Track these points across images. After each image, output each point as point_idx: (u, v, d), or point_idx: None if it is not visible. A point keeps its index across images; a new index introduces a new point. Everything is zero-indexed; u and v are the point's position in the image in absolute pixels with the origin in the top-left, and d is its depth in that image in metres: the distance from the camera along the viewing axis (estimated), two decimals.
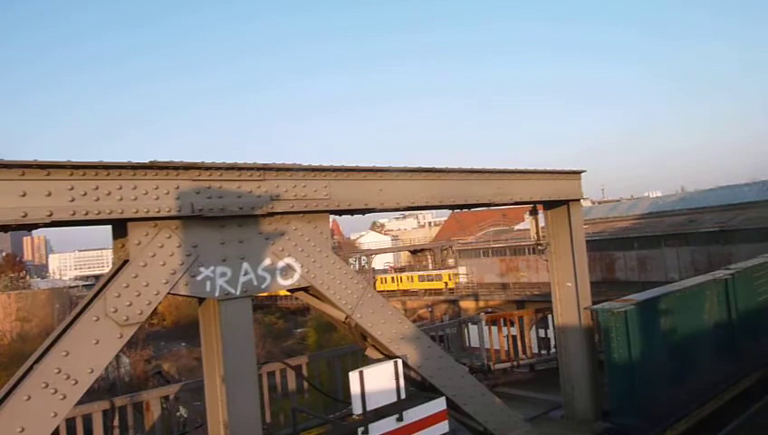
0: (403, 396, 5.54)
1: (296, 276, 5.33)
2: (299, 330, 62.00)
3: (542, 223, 8.81)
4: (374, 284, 69.29)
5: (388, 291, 68.54)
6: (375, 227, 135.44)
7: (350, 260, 79.59)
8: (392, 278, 67.60)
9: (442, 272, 64.56)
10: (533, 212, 8.66)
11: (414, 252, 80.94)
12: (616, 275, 47.72)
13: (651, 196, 70.02)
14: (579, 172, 8.25)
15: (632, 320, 7.92)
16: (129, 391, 20.09)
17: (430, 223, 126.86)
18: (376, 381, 5.38)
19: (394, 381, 5.49)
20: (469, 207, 7.19)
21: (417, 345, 6.10)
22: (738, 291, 10.38)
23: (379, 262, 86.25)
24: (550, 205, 8.35)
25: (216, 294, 4.86)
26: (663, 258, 44.53)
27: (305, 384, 8.65)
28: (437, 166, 6.44)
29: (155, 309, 4.83)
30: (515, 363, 10.92)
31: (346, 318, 5.72)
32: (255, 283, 5.09)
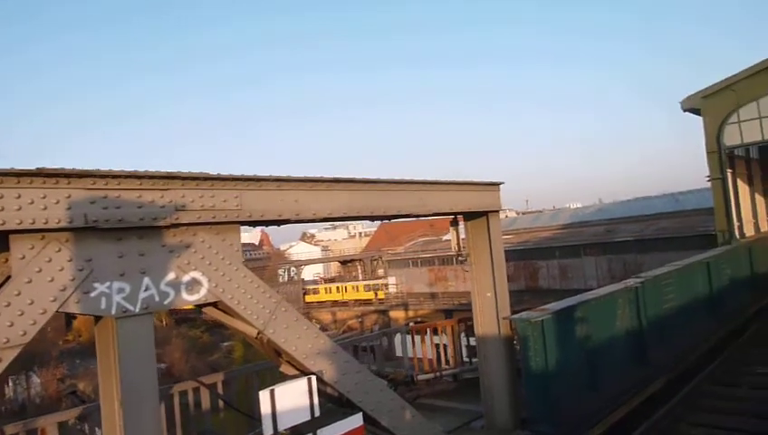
0: (317, 414, 5.35)
1: (203, 291, 5.04)
2: (225, 344, 60.15)
3: (463, 234, 8.88)
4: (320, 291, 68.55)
5: (317, 302, 67.95)
6: (305, 237, 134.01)
7: (280, 271, 78.40)
8: (337, 288, 66.82)
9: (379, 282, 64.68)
10: (454, 223, 8.72)
11: (344, 262, 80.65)
12: (539, 283, 49.43)
13: (572, 207, 73.30)
14: (497, 184, 8.39)
15: (549, 329, 8.07)
16: (40, 413, 18.70)
17: (360, 233, 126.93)
18: (289, 399, 5.16)
19: (308, 399, 5.28)
20: (390, 218, 7.13)
21: (333, 360, 5.93)
22: (647, 298, 10.84)
23: (308, 273, 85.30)
24: (470, 216, 8.43)
25: (113, 312, 4.51)
26: (583, 267, 46.53)
27: (221, 403, 8.28)
28: (358, 177, 6.33)
29: (71, 326, 4.43)
30: (439, 374, 10.93)
31: (258, 334, 5.48)
32: (158, 298, 4.76)
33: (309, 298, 69.64)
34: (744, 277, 16.31)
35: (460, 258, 8.92)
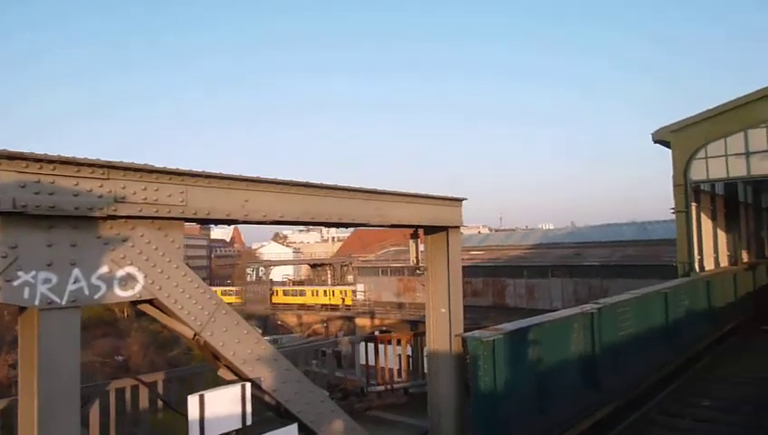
0: (249, 422, 5.18)
1: (138, 287, 4.84)
2: None
3: (422, 247, 8.80)
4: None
5: (284, 303, 67.35)
6: (277, 238, 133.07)
7: (248, 270, 77.61)
8: (324, 292, 66.03)
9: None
10: (414, 236, 8.64)
11: (314, 266, 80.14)
12: (506, 300, 49.77)
13: (544, 227, 74.22)
14: (460, 200, 8.33)
15: (500, 349, 8.01)
16: None
17: (334, 238, 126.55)
18: (219, 405, 4.99)
19: (240, 406, 5.11)
20: (345, 225, 7.00)
21: (273, 368, 5.76)
22: (603, 325, 10.89)
23: (278, 274, 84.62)
24: (430, 230, 8.35)
25: (36, 303, 4.28)
26: (549, 288, 47.00)
27: (160, 403, 8.02)
28: (314, 181, 6.20)
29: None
30: (391, 387, 10.80)
31: (195, 336, 5.28)
32: (87, 292, 4.54)
33: (276, 299, 68.99)
34: (701, 310, 16.57)
35: (417, 272, 8.83)
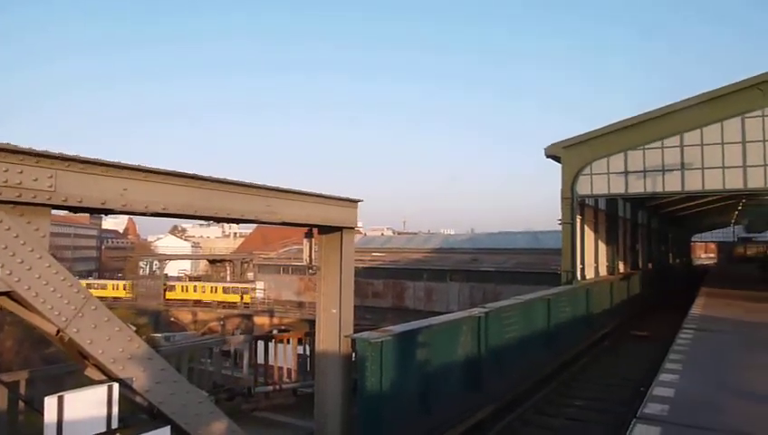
0: (115, 425, 4.87)
1: None
2: None
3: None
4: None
5: (178, 300, 64.60)
6: (176, 231, 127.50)
7: (141, 263, 73.67)
8: (224, 289, 63.17)
9: (241, 287, 62.57)
10: (308, 235, 8.56)
11: (213, 262, 77.51)
12: (405, 302, 50.75)
13: (445, 232, 76.46)
14: (356, 201, 8.35)
15: (388, 351, 8.11)
16: None
17: (236, 233, 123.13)
18: (82, 407, 4.65)
19: (106, 409, 4.79)
20: (233, 221, 6.78)
21: (146, 367, 5.46)
22: (490, 328, 11.33)
23: (174, 268, 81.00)
24: (324, 230, 8.31)
25: None
26: (448, 291, 48.48)
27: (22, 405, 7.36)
28: (201, 174, 5.95)
29: None
30: (279, 387, 10.62)
31: (58, 332, 4.89)
32: None
33: (170, 295, 65.99)
34: (580, 315, 17.75)
35: (310, 271, 8.76)
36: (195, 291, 64.69)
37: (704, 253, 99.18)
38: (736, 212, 36.13)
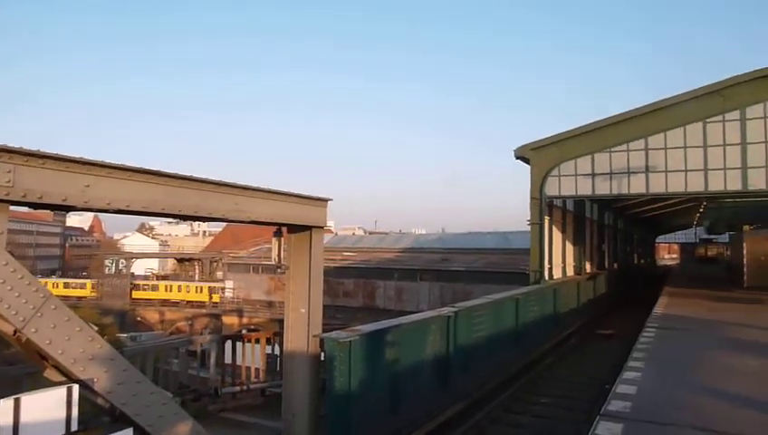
0: (75, 428, 4.75)
1: None
2: None
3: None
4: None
5: (145, 299, 63.43)
6: (143, 229, 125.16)
7: (107, 262, 72.07)
8: (197, 288, 61.87)
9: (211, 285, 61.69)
10: (277, 234, 8.49)
11: (181, 260, 76.30)
12: (376, 302, 50.76)
13: (416, 232, 76.82)
14: (325, 200, 8.32)
15: (356, 350, 8.08)
16: None
17: (205, 232, 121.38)
18: (39, 410, 4.52)
19: (65, 411, 4.67)
20: (200, 219, 6.69)
21: (109, 368, 5.33)
22: (459, 327, 11.40)
23: (141, 267, 79.49)
24: (293, 229, 8.25)
25: None
26: (418, 291, 48.66)
27: None
28: (167, 170, 5.85)
29: None
30: (246, 387, 10.52)
31: (15, 332, 4.75)
32: None
33: (137, 294, 64.72)
34: (548, 315, 18.01)
35: (278, 271, 8.69)
36: (162, 290, 63.60)
37: (667, 253, 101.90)
38: (698, 214, 37.10)
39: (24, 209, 5.47)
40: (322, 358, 8.50)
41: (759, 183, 17.62)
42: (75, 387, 4.78)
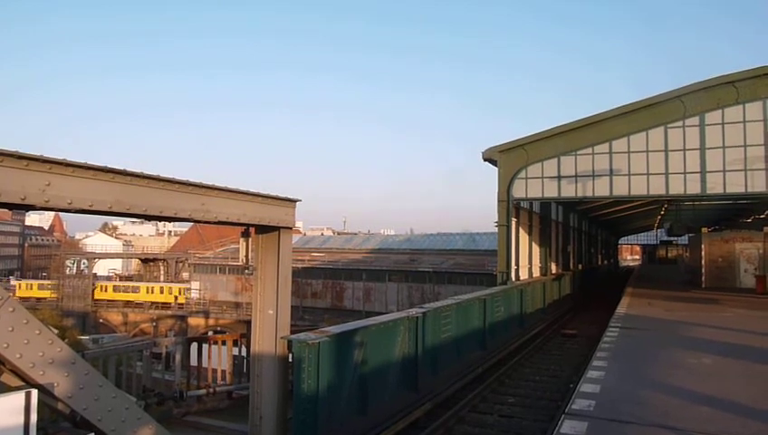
0: None
1: None
2: None
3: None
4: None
5: (107, 300, 61.90)
6: (106, 228, 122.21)
7: (68, 262, 70.08)
8: (161, 289, 60.40)
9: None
10: (245, 234, 8.39)
11: (145, 261, 74.72)
12: (344, 303, 50.66)
13: (385, 233, 76.91)
14: (294, 200, 8.26)
15: (325, 352, 8.05)
16: None
17: (170, 232, 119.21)
18: None
19: (22, 417, 4.52)
20: (166, 219, 6.57)
21: (69, 372, 5.20)
22: (427, 328, 11.46)
23: (103, 268, 77.58)
24: (261, 229, 8.17)
25: None
26: (386, 291, 48.75)
27: None
28: (131, 169, 5.72)
29: None
30: (212, 390, 10.37)
31: None
32: None
33: (99, 295, 63.09)
34: (514, 315, 18.26)
35: (246, 272, 8.59)
36: (125, 291, 62.18)
37: (629, 254, 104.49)
38: (659, 216, 38.18)
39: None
40: (291, 360, 8.45)
41: (717, 187, 18.21)
42: (34, 392, 4.63)
